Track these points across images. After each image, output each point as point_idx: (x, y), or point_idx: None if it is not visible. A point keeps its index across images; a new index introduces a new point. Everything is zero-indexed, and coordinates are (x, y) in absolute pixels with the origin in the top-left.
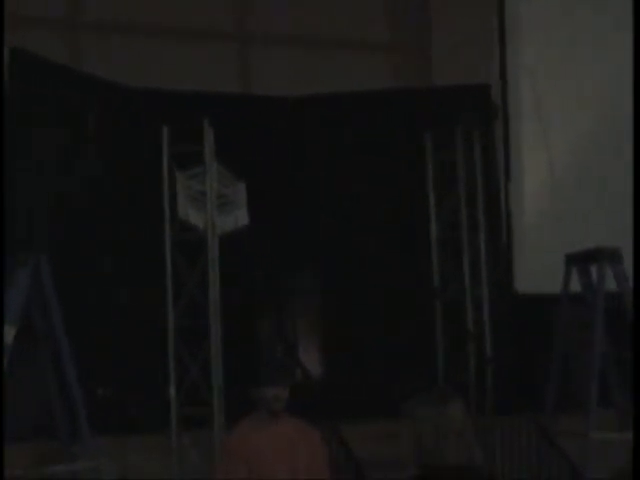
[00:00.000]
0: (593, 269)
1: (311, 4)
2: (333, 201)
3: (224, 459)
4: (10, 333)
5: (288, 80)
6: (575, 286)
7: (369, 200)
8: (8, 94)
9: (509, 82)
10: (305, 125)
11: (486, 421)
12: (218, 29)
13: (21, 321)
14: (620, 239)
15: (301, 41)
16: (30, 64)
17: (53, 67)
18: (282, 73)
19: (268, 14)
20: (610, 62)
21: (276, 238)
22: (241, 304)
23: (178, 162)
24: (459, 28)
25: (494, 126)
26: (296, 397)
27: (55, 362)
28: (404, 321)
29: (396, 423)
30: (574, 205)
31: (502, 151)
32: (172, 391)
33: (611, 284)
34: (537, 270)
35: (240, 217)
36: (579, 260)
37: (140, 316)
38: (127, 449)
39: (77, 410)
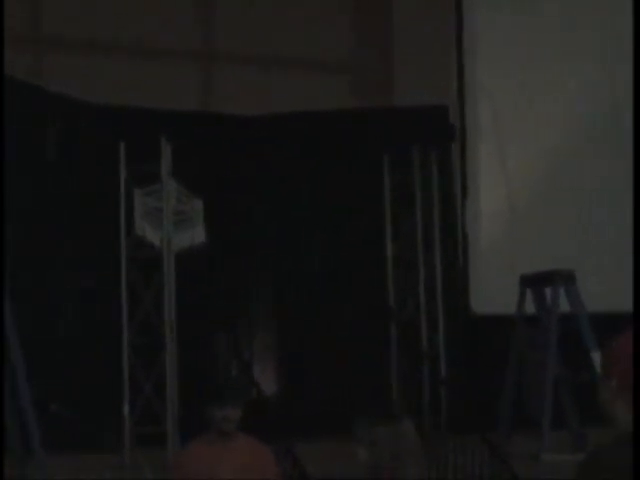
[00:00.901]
0: (548, 291)
1: (274, 23)
2: (288, 218)
3: (173, 476)
4: None
5: (249, 98)
6: (530, 307)
7: (325, 218)
8: None
9: (467, 103)
10: (262, 143)
11: (439, 440)
12: (181, 47)
13: None
14: (576, 261)
15: (263, 60)
16: None
17: (12, 82)
18: (243, 91)
19: (231, 33)
20: (576, 79)
21: (232, 256)
22: (197, 321)
23: (136, 178)
24: (420, 49)
25: (451, 146)
26: (250, 415)
27: (9, 380)
28: (359, 340)
29: (350, 442)
30: (530, 226)
31: (459, 171)
32: (126, 409)
33: (565, 306)
34: (493, 291)
35: (197, 234)
36: (534, 282)
37: (95, 332)
38: (81, 467)
39: (30, 429)
